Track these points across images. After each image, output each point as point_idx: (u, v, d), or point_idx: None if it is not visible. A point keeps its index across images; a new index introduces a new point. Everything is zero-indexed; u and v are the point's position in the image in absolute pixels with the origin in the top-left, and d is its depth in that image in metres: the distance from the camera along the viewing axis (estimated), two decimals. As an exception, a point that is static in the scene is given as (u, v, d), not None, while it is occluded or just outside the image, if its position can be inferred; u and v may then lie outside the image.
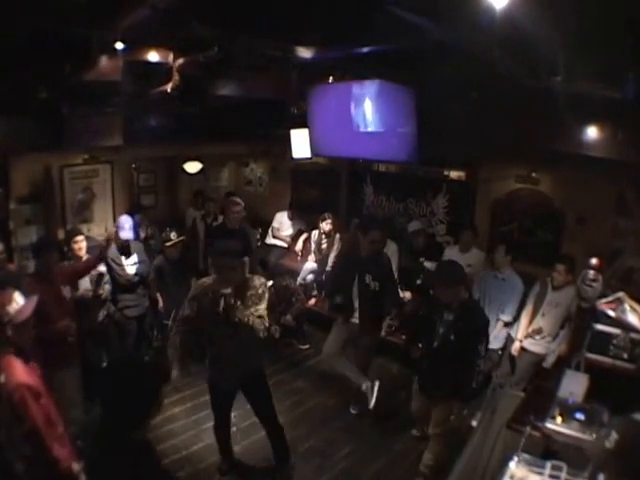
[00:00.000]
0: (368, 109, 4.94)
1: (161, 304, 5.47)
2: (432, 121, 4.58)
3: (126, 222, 5.09)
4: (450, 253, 5.56)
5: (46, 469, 2.59)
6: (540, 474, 2.36)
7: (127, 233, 5.03)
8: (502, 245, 4.91)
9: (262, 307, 3.56)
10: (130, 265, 5.08)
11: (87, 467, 2.45)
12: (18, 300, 2.79)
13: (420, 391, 4.03)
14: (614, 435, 2.24)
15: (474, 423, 4.20)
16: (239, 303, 3.48)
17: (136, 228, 5.36)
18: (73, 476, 2.63)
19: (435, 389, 3.81)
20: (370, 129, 4.85)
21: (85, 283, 4.64)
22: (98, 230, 6.46)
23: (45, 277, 4.07)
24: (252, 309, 3.51)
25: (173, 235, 5.44)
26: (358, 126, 5.03)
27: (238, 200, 6.00)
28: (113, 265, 4.99)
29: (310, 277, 6.84)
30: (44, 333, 3.25)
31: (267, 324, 3.57)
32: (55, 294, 4.00)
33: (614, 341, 3.54)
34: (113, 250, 5.08)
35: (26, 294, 2.91)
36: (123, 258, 5.06)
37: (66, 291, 4.19)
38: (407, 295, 5.68)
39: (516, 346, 4.62)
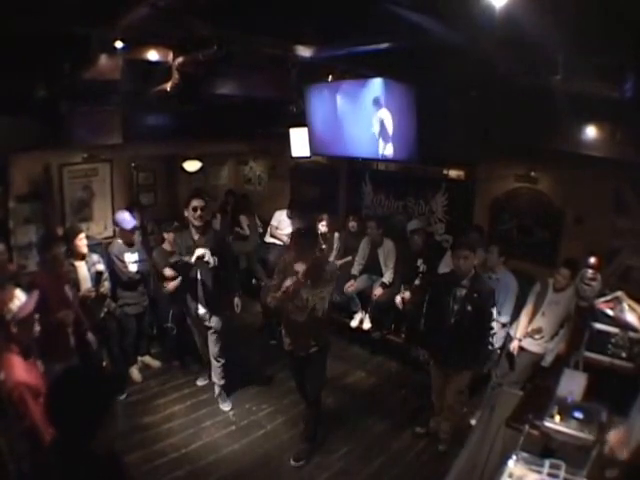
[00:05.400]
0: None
1: None
2: (432, 120, 4.58)
3: (125, 214, 5.22)
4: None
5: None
6: (539, 472, 2.36)
7: (131, 222, 5.13)
8: (495, 246, 4.91)
9: (328, 289, 3.95)
10: (132, 263, 5.09)
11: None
12: (20, 297, 2.82)
13: (439, 366, 4.35)
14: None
15: (473, 422, 4.22)
16: (308, 282, 3.87)
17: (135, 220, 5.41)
18: None
19: (456, 361, 4.13)
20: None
21: (87, 283, 4.64)
22: (97, 229, 6.46)
23: (50, 272, 4.09)
24: (318, 290, 3.89)
25: (175, 223, 5.47)
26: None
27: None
28: (116, 262, 5.01)
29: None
30: (43, 323, 3.26)
31: (326, 306, 3.93)
32: (59, 290, 4.01)
33: (613, 340, 3.54)
34: (117, 247, 5.10)
35: (31, 289, 2.95)
36: (126, 255, 5.07)
37: (68, 289, 4.20)
38: (406, 295, 5.69)
39: (515, 345, 4.63)
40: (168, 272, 5.27)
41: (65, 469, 1.81)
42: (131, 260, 5.10)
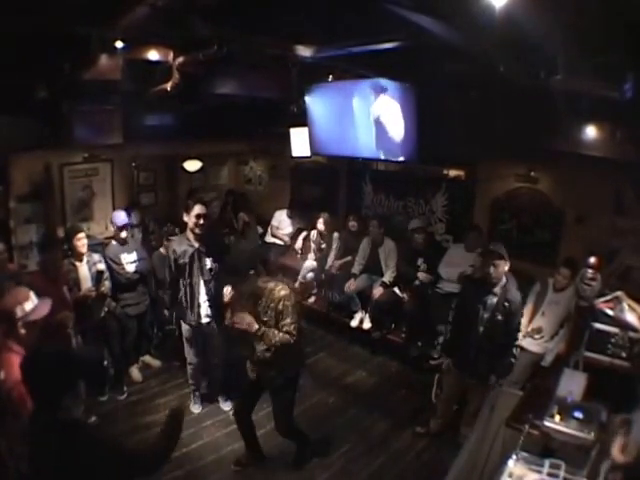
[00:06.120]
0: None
1: None
2: (432, 120, 4.58)
3: (121, 212, 5.25)
4: (456, 252, 5.58)
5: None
6: (539, 472, 2.37)
7: (123, 220, 5.13)
8: None
9: (287, 321, 3.49)
10: (129, 263, 5.08)
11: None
12: (33, 299, 2.84)
13: (462, 375, 4.15)
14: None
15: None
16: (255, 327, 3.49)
17: (130, 219, 5.45)
18: None
19: (483, 370, 3.97)
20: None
21: (87, 282, 4.64)
22: (98, 228, 6.46)
23: (49, 274, 4.09)
24: (276, 330, 3.50)
25: (177, 231, 5.46)
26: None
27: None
28: (112, 265, 4.98)
29: (310, 275, 6.84)
30: (42, 324, 3.26)
31: (294, 333, 3.50)
32: (58, 291, 4.01)
33: (612, 340, 3.55)
34: (112, 249, 5.09)
35: (29, 289, 2.96)
36: (122, 257, 5.05)
37: (66, 290, 4.21)
38: (406, 296, 5.70)
39: (515, 345, 4.63)
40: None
41: (37, 436, 2.15)
42: (128, 260, 5.08)
